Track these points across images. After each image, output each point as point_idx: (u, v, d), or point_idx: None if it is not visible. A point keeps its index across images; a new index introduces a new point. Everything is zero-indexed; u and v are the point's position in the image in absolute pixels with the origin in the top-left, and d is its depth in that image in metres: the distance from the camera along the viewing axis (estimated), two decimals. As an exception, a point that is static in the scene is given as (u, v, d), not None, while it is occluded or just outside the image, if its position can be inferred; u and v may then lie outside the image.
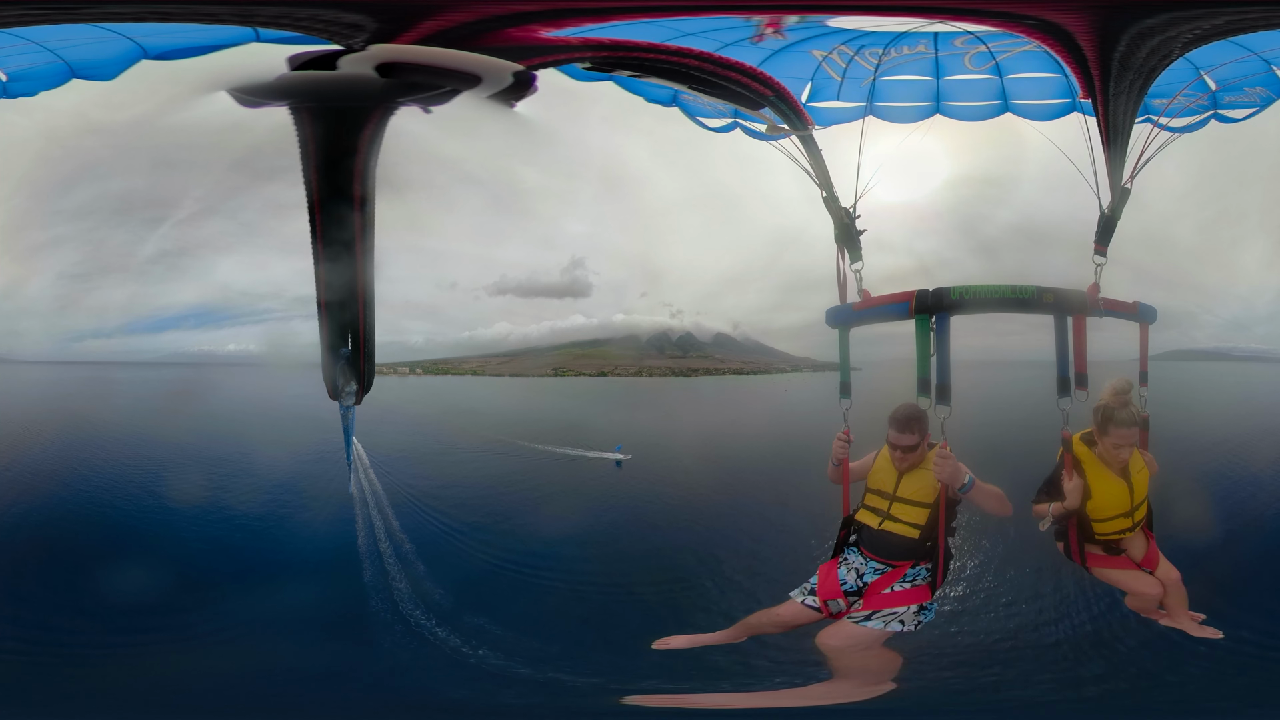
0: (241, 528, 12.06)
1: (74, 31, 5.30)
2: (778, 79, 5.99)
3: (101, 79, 5.58)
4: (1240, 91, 5.99)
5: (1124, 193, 5.78)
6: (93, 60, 5.50)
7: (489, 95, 5.76)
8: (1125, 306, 5.73)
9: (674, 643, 5.97)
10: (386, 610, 9.50)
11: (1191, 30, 5.08)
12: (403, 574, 10.43)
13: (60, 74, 5.57)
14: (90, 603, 8.94)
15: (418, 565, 10.81)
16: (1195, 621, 5.84)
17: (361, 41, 5.30)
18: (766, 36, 5.89)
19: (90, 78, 5.60)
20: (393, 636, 9.00)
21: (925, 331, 5.16)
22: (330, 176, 5.72)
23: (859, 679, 5.31)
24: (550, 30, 5.45)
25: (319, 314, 5.82)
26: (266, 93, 5.51)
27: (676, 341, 26.34)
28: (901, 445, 5.44)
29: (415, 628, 9.10)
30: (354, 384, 5.99)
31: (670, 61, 5.72)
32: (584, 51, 5.70)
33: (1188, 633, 5.79)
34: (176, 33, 5.33)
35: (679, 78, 5.93)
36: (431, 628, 9.02)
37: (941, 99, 6.49)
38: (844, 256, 6.05)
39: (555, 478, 15.99)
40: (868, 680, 5.31)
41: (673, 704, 5.80)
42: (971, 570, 9.04)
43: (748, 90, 5.96)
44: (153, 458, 14.97)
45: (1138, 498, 5.51)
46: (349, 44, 5.34)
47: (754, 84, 5.94)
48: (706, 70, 5.85)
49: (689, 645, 5.93)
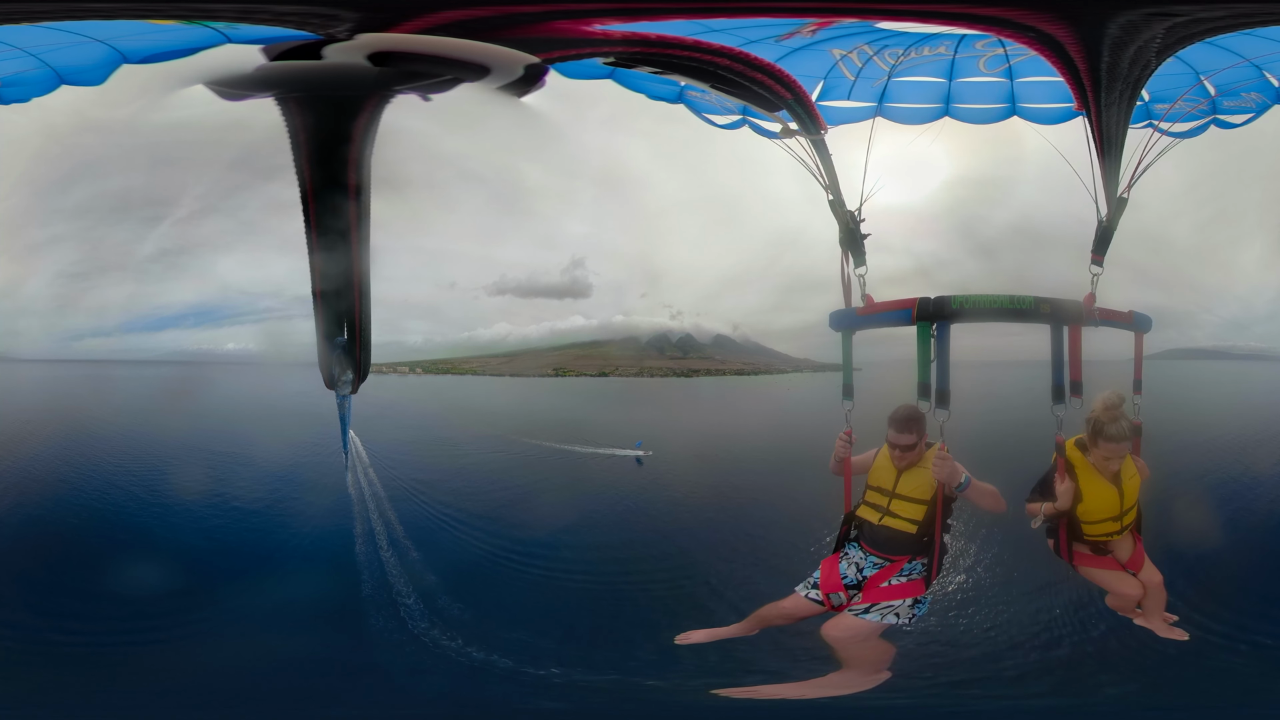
0: (240, 521, 12.07)
1: (54, 37, 5.31)
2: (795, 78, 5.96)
3: (89, 84, 5.59)
4: (1238, 97, 6.00)
5: (1121, 203, 5.81)
6: (77, 66, 5.52)
7: (498, 87, 5.71)
8: (1121, 316, 5.75)
9: (694, 637, 6.09)
10: (382, 599, 9.54)
11: (1156, 37, 5.09)
12: (398, 564, 10.45)
13: (49, 80, 5.59)
14: (89, 598, 8.94)
15: (412, 553, 10.84)
16: (1166, 623, 5.91)
17: (346, 30, 5.23)
18: (797, 34, 5.86)
19: (78, 83, 5.61)
20: (387, 625, 9.03)
21: (926, 338, 5.22)
22: (324, 165, 5.66)
23: (860, 669, 5.42)
24: (596, 25, 5.39)
25: (314, 303, 5.78)
26: (247, 84, 5.45)
27: (676, 343, 26.36)
28: (900, 445, 5.49)
29: (408, 617, 9.13)
30: (350, 373, 5.95)
31: (699, 59, 5.66)
32: (619, 46, 5.64)
33: (1156, 633, 5.85)
34: (152, 34, 5.32)
35: (703, 75, 5.88)
36: (426, 617, 9.05)
37: (951, 101, 6.48)
38: (848, 261, 6.06)
39: (562, 474, 15.99)
40: (869, 670, 5.44)
41: (748, 695, 5.91)
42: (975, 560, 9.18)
43: (768, 92, 5.91)
44: (152, 456, 14.95)
45: (1127, 503, 5.59)
46: (329, 34, 5.27)
47: (776, 86, 5.88)
48: (735, 70, 5.79)
49: (708, 639, 6.05)
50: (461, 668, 8.13)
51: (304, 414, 13.96)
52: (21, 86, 5.64)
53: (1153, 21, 4.91)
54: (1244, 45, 5.50)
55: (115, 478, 13.88)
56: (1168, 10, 4.88)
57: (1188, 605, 6.11)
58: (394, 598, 9.56)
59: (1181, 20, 4.91)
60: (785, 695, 5.63)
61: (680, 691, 7.03)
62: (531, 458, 16.75)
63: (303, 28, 5.20)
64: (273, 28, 5.21)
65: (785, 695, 5.63)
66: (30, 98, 5.64)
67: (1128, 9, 4.88)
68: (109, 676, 7.66)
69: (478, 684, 7.91)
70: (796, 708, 5.50)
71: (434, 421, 19.63)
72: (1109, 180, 5.57)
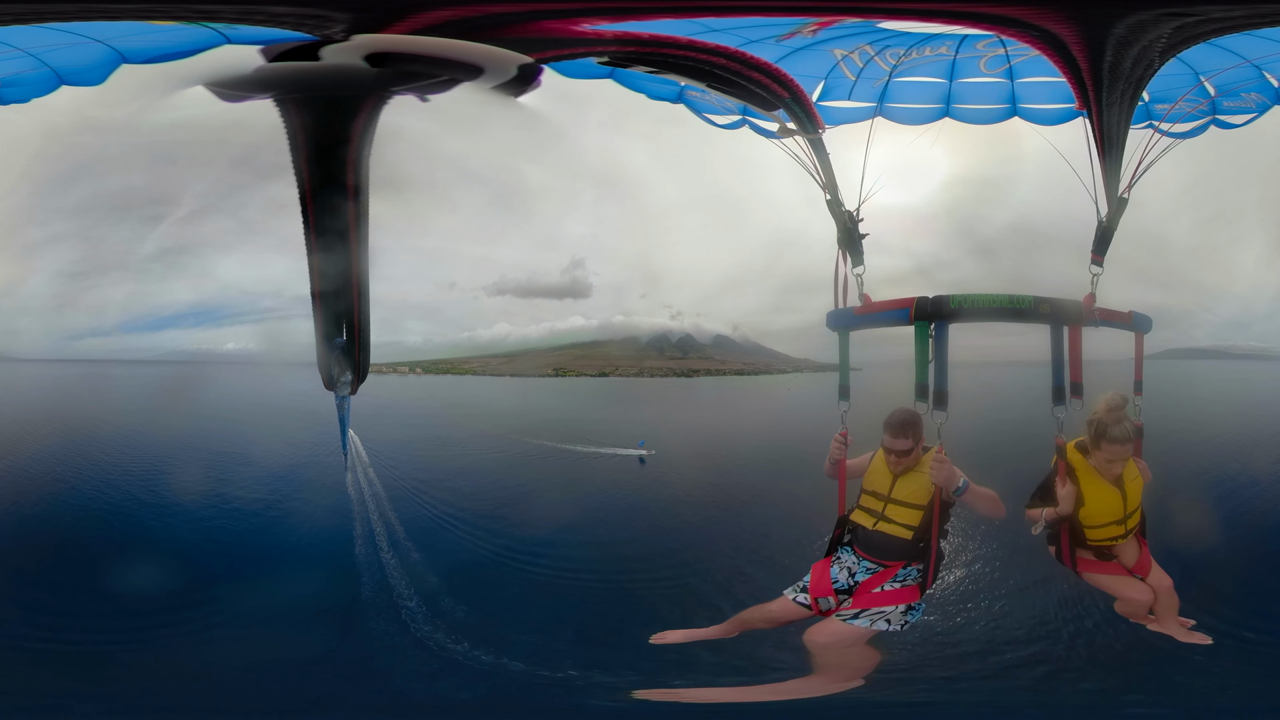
0: (239, 522, 12.05)
1: (53, 37, 5.31)
2: (794, 78, 5.93)
3: (89, 84, 5.58)
4: (1238, 98, 5.97)
5: (1121, 203, 5.74)
6: (76, 66, 5.51)
7: (493, 87, 5.69)
8: (1120, 316, 5.64)
9: (670, 637, 5.91)
10: (382, 601, 9.51)
11: (1161, 37, 5.07)
12: (398, 563, 10.43)
13: (49, 80, 5.58)
14: (86, 598, 8.92)
15: (412, 553, 10.82)
16: (1184, 627, 5.74)
17: (342, 31, 5.20)
18: (797, 34, 5.84)
19: (78, 83, 5.59)
20: (385, 625, 9.01)
21: (924, 338, 5.12)
22: (322, 166, 5.63)
23: (833, 675, 5.27)
24: (585, 24, 5.38)
25: (313, 304, 5.75)
26: (246, 85, 5.44)
27: (676, 343, 26.38)
28: (896, 450, 5.37)
29: (406, 616, 9.11)
30: (349, 374, 5.94)
31: (695, 58, 5.63)
32: (612, 46, 5.60)
33: (1175, 638, 5.69)
34: (152, 34, 5.31)
35: (699, 75, 5.85)
36: (428, 620, 9.03)
37: (952, 102, 6.44)
38: (845, 260, 6.00)
39: (562, 473, 15.96)
40: (841, 676, 5.27)
41: (670, 698, 5.85)
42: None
43: (766, 91, 5.87)
44: (151, 456, 14.94)
45: (1130, 506, 5.45)
46: (325, 35, 5.24)
47: (774, 85, 5.83)
48: (731, 69, 5.75)
49: (685, 640, 5.88)
50: (470, 670, 8.10)
51: (304, 414, 13.96)
52: (21, 87, 5.62)
53: (1161, 21, 4.87)
54: (1244, 46, 5.45)
55: (114, 477, 13.86)
56: (1181, 10, 4.84)
57: (1189, 603, 6.03)
58: (394, 599, 9.54)
59: (1192, 20, 4.87)
60: (746, 698, 5.57)
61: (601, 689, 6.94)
62: (533, 457, 16.73)
63: (298, 29, 5.19)
64: (270, 29, 5.19)
65: (746, 698, 5.57)
66: (30, 98, 5.63)
67: (1140, 9, 4.85)
68: (106, 676, 7.65)
69: (485, 687, 7.87)
70: (792, 706, 5.41)
71: (435, 421, 19.63)
72: (1109, 180, 5.53)
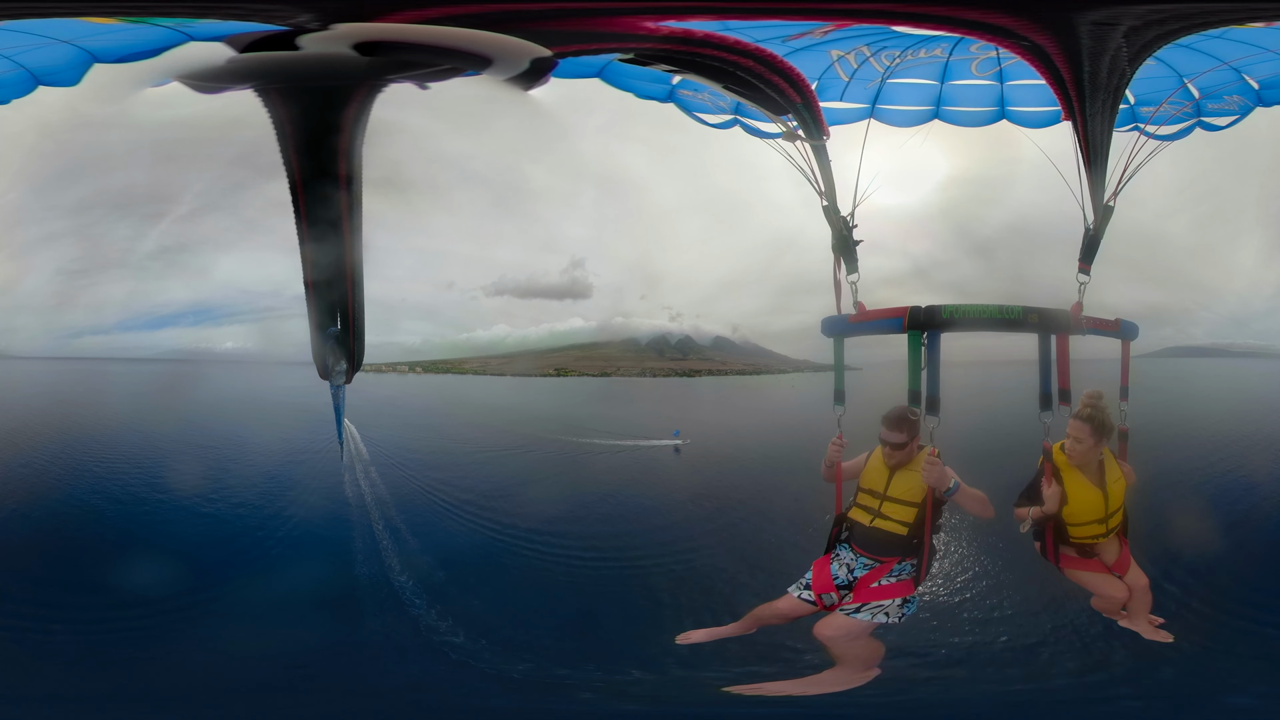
0: (238, 518, 12.07)
1: (22, 39, 5.33)
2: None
3: (64, 84, 5.61)
4: (1221, 100, 6.04)
5: (1107, 211, 5.82)
6: (50, 67, 5.54)
7: (502, 79, 5.67)
8: (1108, 324, 5.78)
9: (694, 637, 6.19)
10: (380, 590, 9.55)
11: (1122, 47, 5.11)
12: (396, 555, 10.46)
13: (25, 81, 5.62)
14: (84, 594, 8.96)
15: (411, 543, 10.85)
16: (1152, 625, 5.99)
17: (315, 21, 5.16)
18: (807, 36, 5.85)
19: (54, 84, 5.63)
20: (383, 617, 9.05)
21: (917, 346, 5.29)
22: (312, 156, 5.60)
23: (851, 665, 5.54)
24: (647, 21, 5.34)
25: (306, 294, 5.78)
26: (222, 77, 5.43)
27: (676, 344, 26.45)
28: (891, 441, 5.57)
29: (410, 613, 9.15)
30: (344, 363, 5.99)
31: (722, 58, 5.63)
32: (654, 43, 5.58)
33: (1141, 635, 5.94)
34: (117, 33, 5.31)
35: (719, 75, 5.85)
36: (423, 609, 9.06)
37: (942, 104, 6.49)
38: (840, 266, 6.08)
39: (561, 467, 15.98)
40: (859, 666, 5.55)
41: (756, 691, 6.02)
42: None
43: (780, 95, 5.89)
44: (149, 453, 14.98)
45: (1113, 506, 5.67)
46: (296, 24, 5.20)
47: (790, 89, 5.84)
48: (755, 70, 5.76)
49: (708, 639, 6.16)
50: (470, 669, 8.14)
51: (301, 410, 13.98)
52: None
53: (1112, 30, 4.91)
54: (1221, 49, 5.55)
55: (112, 474, 13.91)
56: (1118, 12, 4.87)
57: (1176, 603, 6.15)
58: (395, 593, 9.58)
59: (1137, 25, 4.91)
60: (788, 692, 5.72)
61: (695, 685, 7.04)
62: (550, 452, 16.80)
63: (268, 20, 5.14)
64: (231, 22, 5.16)
65: (788, 692, 5.72)
66: (9, 99, 5.68)
67: (1089, 8, 4.88)
68: (103, 673, 7.69)
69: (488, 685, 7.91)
70: (792, 704, 5.56)
71: (435, 418, 19.68)
72: (1095, 189, 5.60)
